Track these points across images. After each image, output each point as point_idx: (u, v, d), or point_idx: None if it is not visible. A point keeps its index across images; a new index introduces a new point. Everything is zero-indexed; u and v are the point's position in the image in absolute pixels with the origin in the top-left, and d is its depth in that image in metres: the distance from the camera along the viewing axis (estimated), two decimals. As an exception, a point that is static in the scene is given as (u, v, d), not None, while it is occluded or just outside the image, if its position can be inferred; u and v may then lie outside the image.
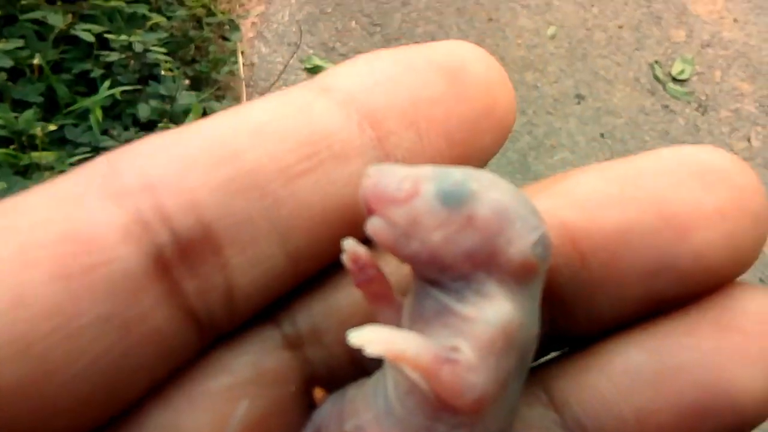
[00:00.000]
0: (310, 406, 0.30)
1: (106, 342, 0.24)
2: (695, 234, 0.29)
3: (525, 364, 0.27)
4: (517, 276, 0.26)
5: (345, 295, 0.30)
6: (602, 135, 2.29)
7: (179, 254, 0.26)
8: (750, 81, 2.48)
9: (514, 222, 0.26)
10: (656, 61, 2.48)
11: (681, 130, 2.34)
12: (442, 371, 0.24)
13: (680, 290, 0.29)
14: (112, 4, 1.89)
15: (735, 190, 0.29)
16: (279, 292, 0.29)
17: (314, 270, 0.30)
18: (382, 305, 0.29)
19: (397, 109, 0.29)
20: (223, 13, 2.25)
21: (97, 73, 1.82)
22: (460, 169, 0.27)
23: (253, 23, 2.39)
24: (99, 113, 1.74)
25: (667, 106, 2.38)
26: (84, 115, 1.78)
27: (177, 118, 1.84)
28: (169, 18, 2.02)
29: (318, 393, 0.30)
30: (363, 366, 0.29)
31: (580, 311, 0.30)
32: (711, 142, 2.32)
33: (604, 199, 0.30)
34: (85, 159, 1.67)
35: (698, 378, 0.28)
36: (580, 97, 2.37)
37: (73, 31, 1.80)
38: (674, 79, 2.45)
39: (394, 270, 0.30)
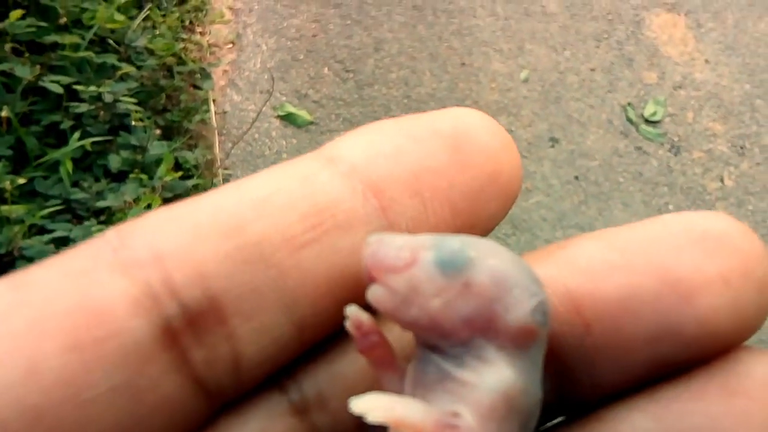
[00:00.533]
0: None
1: (117, 411, 0.25)
2: (699, 300, 0.29)
3: (529, 427, 0.28)
4: (517, 342, 0.27)
5: (349, 362, 0.31)
6: (576, 177, 2.33)
7: (187, 325, 0.27)
8: (722, 121, 2.53)
9: (512, 289, 0.27)
10: (629, 104, 2.54)
11: (654, 172, 2.39)
12: None
13: (685, 356, 0.30)
14: (81, 54, 1.90)
15: (739, 256, 0.29)
16: (285, 360, 0.30)
17: (319, 337, 0.30)
18: (385, 371, 0.29)
19: (400, 179, 0.30)
20: (194, 61, 2.27)
21: (66, 124, 1.82)
22: (459, 237, 0.28)
23: (225, 71, 2.42)
24: (69, 165, 1.74)
25: (640, 148, 2.43)
26: (54, 167, 1.78)
27: (149, 168, 1.85)
28: (139, 68, 2.04)
29: None
30: None
31: (584, 377, 0.31)
32: (684, 183, 2.36)
33: (607, 265, 0.30)
34: (56, 212, 1.69)
35: None
36: (554, 140, 2.41)
37: (41, 83, 1.80)
38: (647, 121, 2.50)
39: (398, 337, 0.30)
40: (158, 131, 1.95)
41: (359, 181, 0.30)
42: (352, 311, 0.28)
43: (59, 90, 1.81)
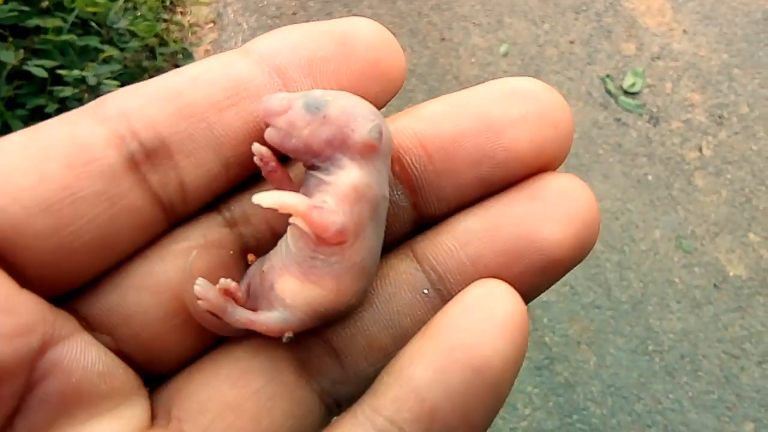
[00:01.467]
0: (246, 266, 0.46)
1: (99, 209, 0.40)
2: (505, 134, 0.44)
3: (379, 216, 0.43)
4: (362, 153, 0.42)
5: (265, 191, 0.44)
6: (556, 150, 2.40)
7: (145, 157, 0.41)
8: (700, 91, 2.61)
9: (356, 117, 0.42)
10: (608, 75, 2.61)
11: (634, 143, 2.47)
12: (312, 214, 0.40)
13: (499, 175, 0.45)
14: (64, 37, 1.97)
15: (538, 104, 0.44)
16: (218, 189, 0.45)
17: (242, 175, 0.45)
18: (284, 188, 0.44)
19: (297, 65, 0.44)
20: (175, 41, 2.34)
21: (51, 108, 1.91)
22: (321, 90, 0.43)
23: (207, 51, 2.49)
24: (55, 147, 1.81)
25: (619, 119, 2.51)
26: (40, 149, 1.84)
27: (133, 149, 1.91)
28: (121, 49, 2.10)
29: (250, 257, 0.46)
30: (280, 237, 0.45)
31: (431, 194, 0.46)
32: (663, 153, 2.45)
33: (443, 115, 0.45)
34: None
35: (514, 231, 0.43)
36: (533, 113, 2.48)
37: (25, 67, 1.88)
38: (626, 92, 2.59)
39: (300, 174, 0.46)
40: (142, 112, 2.00)
41: (267, 66, 0.44)
42: (256, 146, 0.43)
43: (43, 74, 1.89)
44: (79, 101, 1.93)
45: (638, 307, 2.22)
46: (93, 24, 2.12)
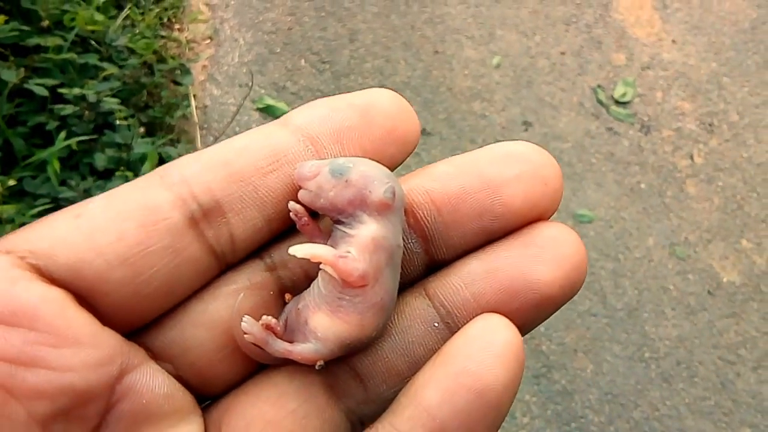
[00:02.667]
0: (284, 304, 0.53)
1: (165, 260, 0.47)
2: (502, 190, 0.51)
3: (395, 262, 0.50)
4: (379, 210, 0.49)
5: (300, 241, 0.52)
6: (550, 160, 2.42)
7: (202, 216, 0.48)
8: (690, 100, 2.65)
9: (373, 180, 0.49)
10: (599, 86, 2.65)
11: (626, 151, 2.50)
12: (339, 262, 0.48)
13: (498, 225, 0.52)
14: (64, 56, 2.00)
15: (530, 164, 0.51)
16: (261, 240, 0.52)
17: (281, 228, 0.52)
18: (315, 239, 0.52)
19: (327, 134, 0.52)
20: (173, 58, 2.37)
21: (52, 125, 1.95)
22: (344, 158, 0.51)
23: (204, 66, 2.52)
24: (56, 164, 1.86)
25: (611, 129, 2.55)
26: (42, 167, 1.90)
27: (134, 165, 1.96)
28: (120, 66, 2.13)
29: (287, 297, 0.53)
30: (312, 280, 0.53)
31: (441, 242, 0.53)
32: (655, 161, 2.48)
33: (449, 175, 0.52)
34: (45, 210, 1.77)
35: (511, 273, 0.50)
36: (527, 124, 2.52)
37: (26, 86, 1.91)
38: (617, 102, 2.63)
39: (327, 226, 0.53)
40: (142, 129, 2.04)
41: (301, 135, 0.52)
42: (291, 204, 0.50)
43: (44, 92, 1.93)
44: (80, 118, 1.97)
45: (634, 314, 2.25)
46: (92, 42, 2.15)
